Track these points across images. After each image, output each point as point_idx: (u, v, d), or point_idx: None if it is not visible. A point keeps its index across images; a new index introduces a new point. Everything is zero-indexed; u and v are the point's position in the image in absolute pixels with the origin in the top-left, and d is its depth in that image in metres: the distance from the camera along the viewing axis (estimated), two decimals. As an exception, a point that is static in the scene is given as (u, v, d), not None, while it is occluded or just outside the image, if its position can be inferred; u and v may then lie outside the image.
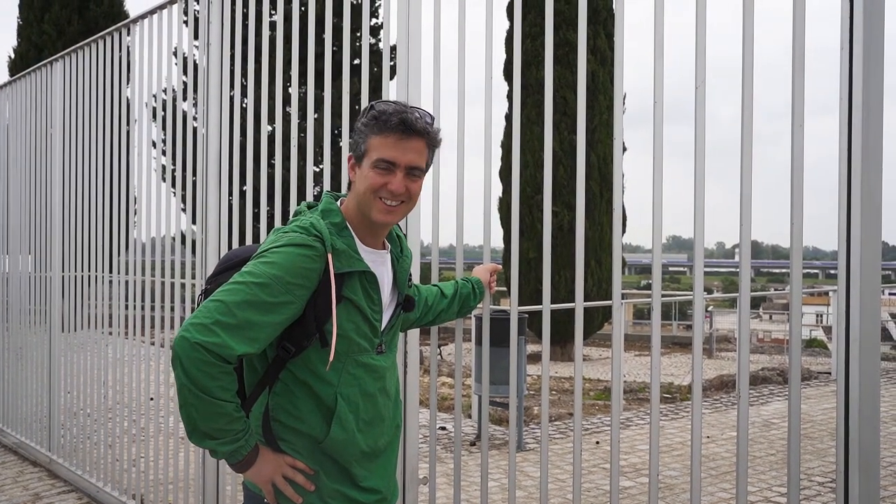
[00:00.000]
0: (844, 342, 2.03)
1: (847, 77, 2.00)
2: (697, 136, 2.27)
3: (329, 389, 2.03)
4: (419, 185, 2.11)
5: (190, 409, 1.85)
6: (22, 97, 6.38)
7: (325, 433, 2.03)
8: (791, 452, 2.14)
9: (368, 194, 2.05)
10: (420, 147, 2.06)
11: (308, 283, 1.94)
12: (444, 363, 12.85)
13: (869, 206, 1.98)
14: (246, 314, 1.85)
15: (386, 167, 2.03)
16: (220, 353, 1.81)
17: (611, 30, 16.74)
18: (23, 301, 6.39)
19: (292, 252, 1.93)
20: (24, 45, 20.28)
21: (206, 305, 1.86)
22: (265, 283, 1.88)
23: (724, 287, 55.48)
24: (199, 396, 1.82)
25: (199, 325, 1.82)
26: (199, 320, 1.83)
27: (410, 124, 2.02)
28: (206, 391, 1.82)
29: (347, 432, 2.04)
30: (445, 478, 5.80)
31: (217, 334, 1.81)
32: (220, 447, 1.92)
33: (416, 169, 2.07)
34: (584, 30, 2.55)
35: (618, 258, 2.54)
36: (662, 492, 5.75)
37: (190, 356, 1.79)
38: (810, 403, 9.05)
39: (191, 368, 1.80)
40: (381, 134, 2.03)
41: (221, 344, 1.81)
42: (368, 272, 2.07)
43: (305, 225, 2.00)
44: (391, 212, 2.07)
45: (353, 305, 2.04)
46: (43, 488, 5.48)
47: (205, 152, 4.13)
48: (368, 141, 2.06)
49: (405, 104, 2.11)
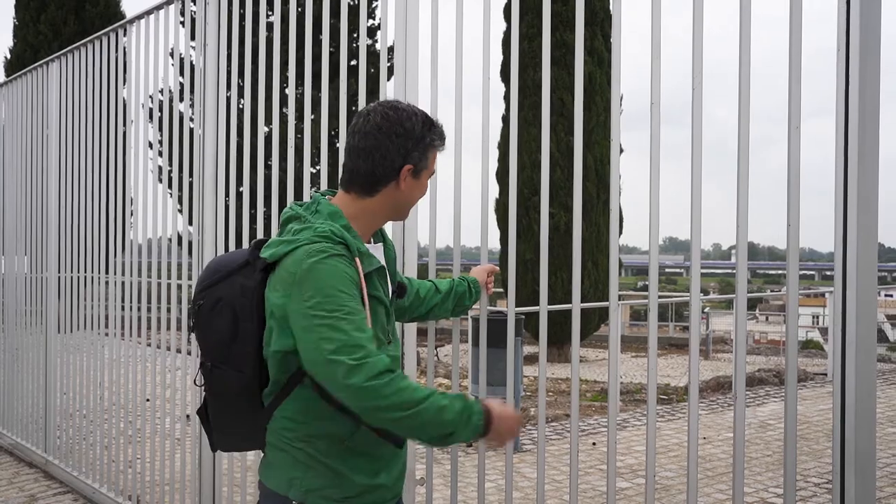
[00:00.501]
0: (841, 343, 2.03)
1: (843, 79, 2.00)
2: (694, 136, 2.28)
3: None
4: None
5: (418, 432, 1.88)
6: (18, 98, 6.37)
7: (352, 429, 2.01)
8: (787, 453, 2.15)
9: (411, 202, 2.20)
10: None
11: (356, 283, 1.95)
12: (441, 364, 12.84)
13: (865, 207, 1.98)
14: (346, 327, 1.84)
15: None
16: (379, 369, 1.82)
17: (608, 31, 16.76)
18: (19, 302, 6.38)
19: (334, 263, 1.92)
20: (20, 46, 20.25)
21: (315, 347, 1.85)
22: (333, 297, 1.87)
23: (720, 288, 55.59)
24: (412, 414, 1.83)
25: (344, 372, 1.81)
26: (338, 372, 1.82)
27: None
28: (410, 404, 1.83)
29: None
30: (442, 479, 5.80)
31: (360, 362, 1.81)
32: (461, 432, 1.91)
33: None
34: (581, 31, 2.55)
35: (615, 260, 2.54)
36: (659, 493, 5.75)
37: (370, 396, 1.81)
38: (806, 405, 9.06)
39: (381, 403, 1.81)
40: (438, 148, 2.19)
41: (370, 364, 1.82)
42: (381, 267, 2.11)
43: (326, 234, 1.97)
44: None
45: (378, 302, 2.07)
46: (39, 489, 5.47)
47: (201, 153, 4.13)
48: (430, 152, 2.15)
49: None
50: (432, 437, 1.91)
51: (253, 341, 2.03)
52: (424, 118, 2.12)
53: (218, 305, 2.06)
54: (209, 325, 2.08)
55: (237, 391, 2.07)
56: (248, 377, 2.05)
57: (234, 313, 2.04)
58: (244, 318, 2.03)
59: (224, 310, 2.05)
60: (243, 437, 2.17)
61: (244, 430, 2.13)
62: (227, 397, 2.10)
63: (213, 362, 2.09)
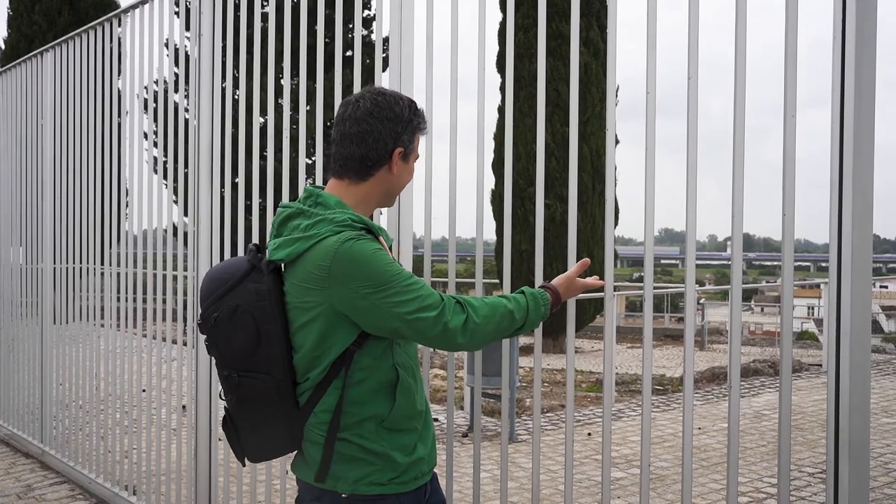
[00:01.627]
0: (836, 334, 2.03)
1: (839, 68, 2.00)
2: (690, 127, 2.27)
3: (387, 363, 2.08)
4: None
5: (499, 335, 2.15)
6: (12, 88, 6.35)
7: (389, 407, 2.07)
8: (781, 443, 2.15)
9: (400, 186, 2.22)
10: None
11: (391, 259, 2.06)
12: (437, 355, 12.84)
13: (861, 198, 1.98)
14: (415, 283, 2.00)
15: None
16: (457, 309, 2.03)
17: (604, 22, 16.71)
18: (14, 293, 6.37)
19: (365, 245, 1.97)
20: (14, 36, 20.15)
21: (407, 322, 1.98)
22: (382, 273, 1.96)
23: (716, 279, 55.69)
24: (495, 330, 2.10)
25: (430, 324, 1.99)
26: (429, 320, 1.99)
27: None
28: (493, 331, 2.10)
29: (408, 398, 2.12)
30: (438, 469, 5.79)
31: (438, 310, 1.99)
32: (536, 317, 2.22)
33: None
34: (576, 22, 2.54)
35: (610, 251, 2.55)
36: (654, 483, 5.77)
37: (465, 334, 2.03)
38: (801, 395, 9.09)
39: (476, 338, 2.06)
40: (422, 131, 2.20)
41: (446, 307, 2.01)
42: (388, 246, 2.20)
43: (347, 222, 2.01)
44: None
45: None
46: (35, 480, 5.47)
47: (196, 144, 4.12)
48: (417, 136, 2.19)
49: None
50: (513, 332, 2.18)
51: (279, 342, 2.05)
52: (410, 103, 2.16)
53: (236, 314, 2.05)
54: (230, 335, 2.07)
55: (271, 394, 2.07)
56: (278, 378, 2.06)
57: (253, 319, 2.04)
58: (265, 321, 2.04)
59: (243, 317, 2.05)
60: (280, 439, 2.15)
61: (282, 432, 2.12)
62: (261, 402, 2.09)
63: (240, 371, 2.08)
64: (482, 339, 2.07)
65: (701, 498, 5.45)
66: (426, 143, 2.76)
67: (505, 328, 2.12)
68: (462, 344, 2.03)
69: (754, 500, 5.42)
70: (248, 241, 3.92)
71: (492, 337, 2.11)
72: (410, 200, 2.90)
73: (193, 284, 4.10)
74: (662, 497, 5.47)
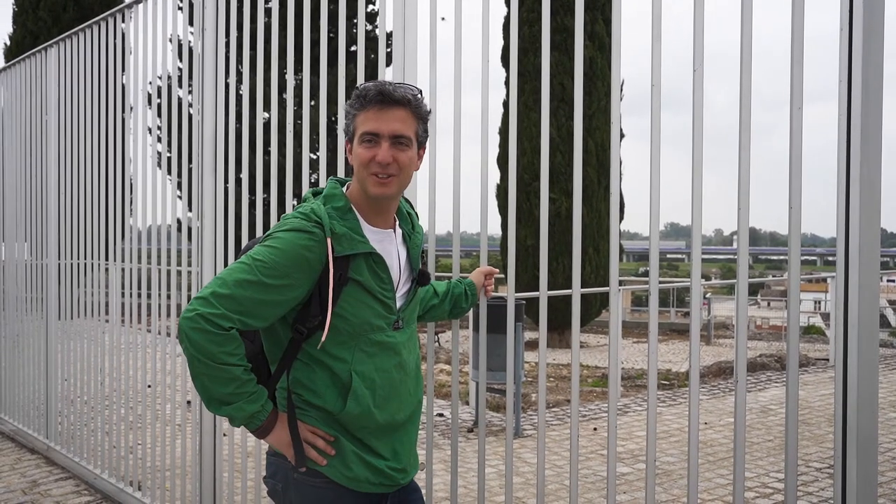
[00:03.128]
0: (843, 328, 2.02)
1: (846, 60, 1.98)
2: (695, 119, 2.26)
3: (344, 367, 2.10)
4: (408, 155, 2.12)
5: (202, 378, 1.96)
6: (17, 83, 6.35)
7: (340, 407, 2.09)
8: (789, 438, 2.14)
9: (361, 170, 2.10)
10: (403, 116, 2.09)
11: (308, 268, 2.01)
12: (442, 350, 12.86)
13: (868, 191, 1.97)
14: (244, 291, 1.95)
15: (370, 139, 2.08)
16: (218, 321, 1.90)
17: (609, 15, 16.68)
18: (19, 288, 6.38)
19: (292, 237, 2.00)
20: (19, 32, 20.16)
21: (209, 282, 1.98)
22: (265, 265, 1.96)
23: (722, 274, 55.58)
24: (207, 364, 1.92)
25: (199, 298, 1.94)
26: (200, 294, 1.95)
27: (388, 94, 2.07)
28: (212, 358, 1.91)
29: (362, 407, 2.10)
30: (443, 464, 5.81)
31: (215, 305, 1.91)
32: (236, 413, 2.01)
33: (402, 137, 2.09)
34: (581, 15, 2.53)
35: (615, 245, 2.53)
36: (660, 478, 5.77)
37: (192, 327, 1.90)
38: (808, 390, 9.07)
39: (195, 338, 1.90)
40: (363, 109, 2.09)
41: (220, 314, 1.91)
42: (374, 253, 2.11)
43: (306, 211, 2.06)
44: (383, 184, 2.10)
45: (360, 286, 2.09)
46: (40, 475, 5.48)
47: (200, 139, 4.11)
48: (355, 120, 2.12)
49: (388, 81, 2.17)
50: (212, 397, 2.00)
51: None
52: (356, 87, 2.16)
53: None
54: None
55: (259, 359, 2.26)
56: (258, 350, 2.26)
57: None
58: None
59: None
60: None
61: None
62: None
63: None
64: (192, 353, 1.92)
65: (707, 493, 5.43)
66: (430, 138, 2.74)
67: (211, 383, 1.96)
68: (182, 327, 1.92)
69: (761, 495, 5.41)
70: (253, 236, 3.93)
71: (200, 369, 1.94)
72: (414, 195, 2.89)
73: (198, 280, 4.10)
74: (668, 492, 5.47)
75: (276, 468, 2.19)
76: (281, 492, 2.18)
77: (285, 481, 2.15)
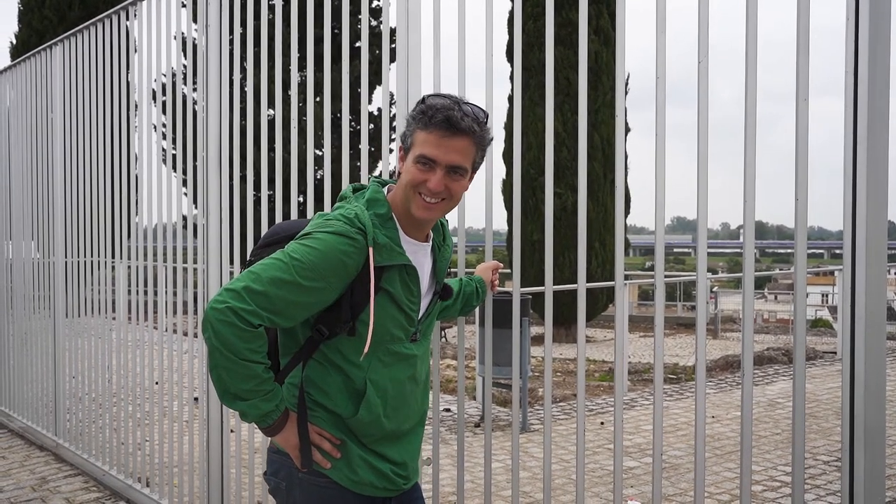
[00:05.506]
0: (850, 321, 2.01)
1: (853, 51, 1.97)
2: (700, 112, 2.25)
3: (359, 373, 2.08)
4: (462, 185, 2.08)
5: (220, 371, 1.91)
6: (23, 81, 6.36)
7: (351, 413, 2.08)
8: (796, 431, 2.14)
9: (409, 189, 2.04)
10: (464, 146, 2.03)
11: (344, 273, 1.97)
12: (448, 345, 12.86)
13: (875, 184, 1.96)
14: (278, 290, 1.90)
15: (427, 164, 2.01)
16: (248, 318, 1.86)
17: (614, 9, 16.61)
18: (27, 287, 6.40)
19: (334, 241, 1.95)
20: (24, 31, 20.19)
21: (241, 275, 1.93)
22: (302, 265, 1.91)
23: (728, 267, 55.50)
24: (229, 358, 1.87)
25: (231, 290, 1.89)
26: (232, 286, 1.90)
27: (455, 123, 1.99)
28: (236, 353, 1.87)
29: (373, 415, 2.09)
30: (450, 459, 5.82)
31: (247, 301, 1.87)
32: (250, 409, 1.98)
33: (459, 168, 2.04)
34: (585, 9, 2.52)
35: (621, 239, 2.53)
36: (667, 472, 5.76)
37: (220, 319, 1.85)
38: (815, 383, 9.05)
39: (222, 330, 1.85)
40: (426, 129, 2.01)
41: (251, 311, 1.86)
42: (409, 265, 2.08)
43: (350, 216, 2.00)
44: (430, 208, 2.05)
45: (390, 297, 2.06)
46: (49, 472, 5.50)
47: (205, 136, 4.12)
48: (414, 135, 2.05)
49: (458, 99, 2.06)
50: (227, 391, 1.95)
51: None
52: (425, 98, 2.09)
53: None
54: None
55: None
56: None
57: None
58: None
59: None
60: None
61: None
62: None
63: None
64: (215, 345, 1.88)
65: (714, 486, 5.43)
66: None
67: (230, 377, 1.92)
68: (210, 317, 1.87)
69: (769, 488, 5.40)
70: (258, 233, 3.93)
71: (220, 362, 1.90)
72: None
73: (204, 277, 4.11)
74: (675, 486, 5.46)
75: (278, 466, 2.18)
76: (285, 490, 2.16)
77: (289, 480, 2.15)
